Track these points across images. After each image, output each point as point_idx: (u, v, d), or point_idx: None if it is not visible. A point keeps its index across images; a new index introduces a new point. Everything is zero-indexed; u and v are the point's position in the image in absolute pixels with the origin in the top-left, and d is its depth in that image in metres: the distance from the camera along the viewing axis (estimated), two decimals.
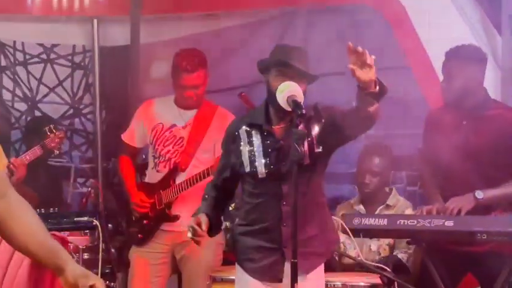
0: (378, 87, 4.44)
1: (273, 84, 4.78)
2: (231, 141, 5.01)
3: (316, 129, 4.72)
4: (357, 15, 7.11)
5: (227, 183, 5.09)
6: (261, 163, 4.85)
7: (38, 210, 6.20)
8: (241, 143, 4.93)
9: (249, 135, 4.92)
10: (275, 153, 4.84)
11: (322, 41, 6.67)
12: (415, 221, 5.54)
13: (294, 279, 4.36)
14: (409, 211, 6.31)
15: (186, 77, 6.33)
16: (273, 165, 4.82)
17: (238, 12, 7.53)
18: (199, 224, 4.78)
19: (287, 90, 4.55)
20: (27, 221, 3.24)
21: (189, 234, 4.91)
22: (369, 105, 4.48)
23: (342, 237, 5.84)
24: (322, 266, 4.98)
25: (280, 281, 4.82)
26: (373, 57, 4.35)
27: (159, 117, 6.55)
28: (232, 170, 4.99)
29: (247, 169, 4.89)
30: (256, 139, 4.90)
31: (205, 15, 7.60)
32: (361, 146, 6.61)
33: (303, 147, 4.56)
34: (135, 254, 6.52)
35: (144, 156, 6.69)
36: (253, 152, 4.88)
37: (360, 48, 4.29)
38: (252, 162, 4.87)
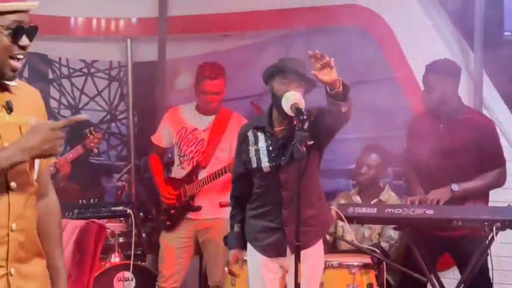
0: (341, 87, 4.45)
1: (277, 88, 4.83)
2: (242, 142, 5.06)
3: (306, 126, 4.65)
4: (349, 35, 7.09)
5: (243, 179, 5.11)
6: (265, 160, 4.91)
7: (80, 201, 6.34)
8: (249, 143, 5.00)
9: (255, 136, 4.98)
10: (276, 151, 4.90)
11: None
12: (401, 210, 5.59)
13: (297, 259, 4.41)
14: (393, 198, 6.39)
15: (208, 83, 6.39)
16: (274, 161, 4.88)
17: (248, 33, 7.59)
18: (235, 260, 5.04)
19: (292, 99, 4.59)
20: (54, 225, 3.33)
21: (227, 269, 5.15)
22: (338, 104, 4.52)
23: (340, 223, 5.93)
24: (322, 246, 5.04)
25: (285, 255, 4.89)
26: (332, 59, 4.34)
27: (183, 122, 6.60)
28: (245, 167, 5.04)
29: (254, 165, 4.95)
30: (261, 139, 4.96)
31: (222, 36, 7.67)
32: (354, 146, 6.63)
33: (304, 147, 4.69)
34: (164, 238, 6.57)
35: (170, 155, 6.72)
36: (259, 151, 4.95)
37: (318, 52, 4.28)
38: (258, 159, 4.94)
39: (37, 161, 3.08)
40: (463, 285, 5.62)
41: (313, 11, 7.27)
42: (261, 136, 4.98)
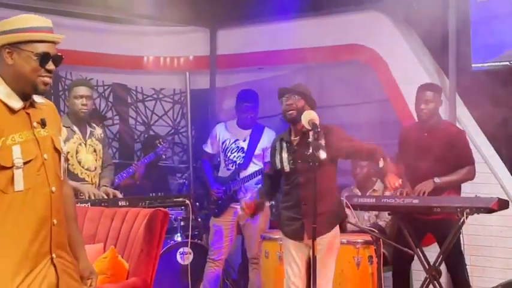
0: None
1: (283, 105, 4.93)
2: (272, 149, 5.08)
3: (322, 142, 4.63)
4: (353, 68, 7.09)
5: (274, 174, 5.12)
6: (286, 163, 4.92)
7: (151, 194, 6.33)
8: (277, 151, 5.01)
9: (281, 145, 4.98)
10: (292, 155, 4.89)
11: (332, 83, 6.72)
12: (393, 200, 5.61)
13: (314, 238, 4.44)
14: (387, 193, 6.26)
15: (247, 106, 6.41)
16: (292, 165, 4.87)
17: (276, 66, 7.60)
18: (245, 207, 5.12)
19: (308, 117, 4.59)
20: (71, 203, 3.21)
21: (241, 211, 5.29)
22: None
23: (348, 210, 5.88)
24: (338, 228, 4.98)
25: (302, 240, 4.85)
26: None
27: (227, 134, 6.58)
28: (273, 168, 5.07)
29: (279, 167, 4.96)
30: (284, 148, 4.96)
31: (257, 69, 7.68)
32: None
33: (318, 153, 4.63)
34: (214, 222, 6.55)
35: (218, 159, 6.71)
36: (282, 156, 4.95)
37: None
38: (282, 163, 4.94)
39: (64, 162, 3.03)
40: (441, 256, 5.59)
41: (326, 49, 7.25)
42: (283, 145, 4.97)
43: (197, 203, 6.81)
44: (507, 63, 6.17)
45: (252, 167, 6.41)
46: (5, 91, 2.83)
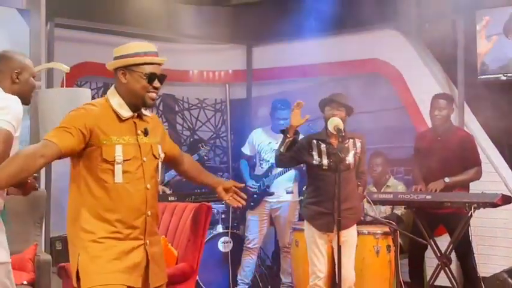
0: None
1: (326, 114, 4.90)
2: (305, 143, 5.00)
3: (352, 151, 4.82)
4: (372, 79, 7.05)
5: (291, 157, 5.04)
6: (325, 161, 4.90)
7: (196, 190, 6.38)
8: (313, 148, 4.95)
9: (318, 144, 4.94)
10: (333, 155, 4.84)
11: (354, 93, 6.68)
12: (409, 196, 5.61)
13: (339, 229, 4.49)
14: (401, 187, 6.27)
15: (280, 113, 6.42)
16: (331, 162, 4.85)
17: (305, 78, 7.54)
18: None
19: (334, 123, 4.63)
20: (196, 165, 3.58)
21: None
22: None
23: (367, 205, 5.87)
24: (355, 225, 5.03)
25: (332, 231, 4.84)
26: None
27: (262, 138, 6.60)
28: (298, 155, 5.00)
29: (316, 162, 4.92)
30: (323, 147, 4.92)
31: (288, 81, 7.63)
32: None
33: (344, 155, 4.65)
34: (250, 214, 6.57)
35: (254, 160, 6.71)
36: (321, 154, 4.92)
37: None
38: (321, 159, 4.91)
39: (160, 165, 3.16)
40: (452, 245, 5.54)
41: (348, 64, 7.23)
42: (322, 145, 4.93)
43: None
44: (510, 75, 6.13)
45: None
46: (118, 102, 3.02)
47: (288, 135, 4.95)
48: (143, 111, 3.10)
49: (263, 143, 6.57)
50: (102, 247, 2.93)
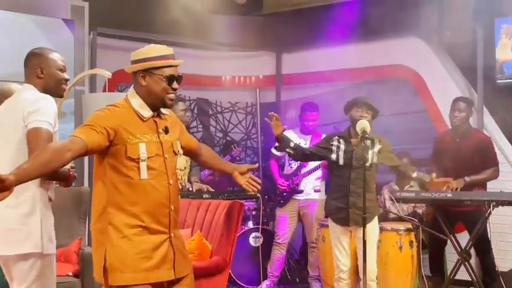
0: None
1: (354, 114, 4.88)
2: (327, 140, 5.04)
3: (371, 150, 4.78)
4: (396, 84, 7.03)
5: (314, 151, 5.06)
6: (342, 157, 4.89)
7: (229, 188, 6.40)
8: (333, 144, 4.94)
9: (339, 141, 4.94)
10: (349, 154, 4.86)
11: (378, 97, 6.65)
12: (430, 194, 5.47)
13: (364, 225, 4.42)
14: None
15: (309, 115, 6.42)
16: (347, 159, 4.85)
17: (331, 83, 7.53)
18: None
19: (362, 125, 4.57)
20: (213, 153, 3.59)
21: None
22: None
23: (389, 202, 5.83)
24: (376, 221, 5.00)
25: (348, 226, 4.86)
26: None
27: (291, 139, 6.57)
28: (318, 151, 5.01)
29: (334, 158, 4.91)
30: (342, 144, 4.92)
31: (315, 85, 7.63)
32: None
33: (367, 154, 4.64)
34: (279, 212, 6.54)
35: (283, 160, 6.69)
36: (339, 150, 4.91)
37: None
38: (337, 155, 4.90)
39: (182, 163, 3.20)
40: (471, 241, 5.50)
41: (373, 69, 7.23)
42: (342, 142, 4.93)
43: (266, 196, 6.83)
44: None
45: (311, 165, 6.35)
46: (138, 103, 3.02)
47: (277, 143, 5.03)
48: (162, 110, 3.10)
49: None
50: (131, 244, 2.91)
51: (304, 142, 6.43)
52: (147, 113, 3.02)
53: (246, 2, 7.94)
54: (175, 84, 3.03)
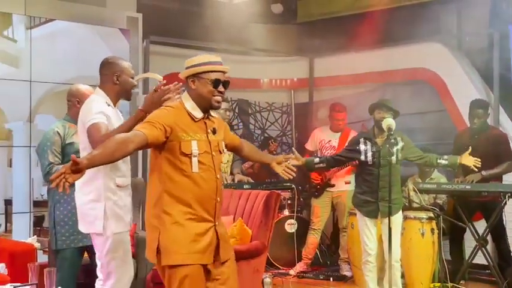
0: None
1: (377, 116, 4.84)
2: (354, 143, 5.00)
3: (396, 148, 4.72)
4: (419, 86, 6.97)
5: (344, 155, 5.07)
6: (369, 156, 4.86)
7: (267, 180, 6.40)
8: (361, 146, 4.92)
9: (365, 142, 4.91)
10: (376, 153, 4.83)
11: (401, 97, 6.63)
12: (450, 186, 5.53)
13: (390, 215, 4.43)
14: (443, 180, 6.10)
15: (338, 114, 6.40)
16: (375, 158, 4.82)
17: (359, 85, 7.49)
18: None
19: (387, 123, 4.55)
20: (254, 148, 3.64)
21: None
22: None
23: (413, 193, 5.78)
24: (400, 212, 4.97)
25: (377, 218, 4.84)
26: None
27: (322, 136, 6.56)
28: (348, 155, 5.01)
29: (363, 159, 4.89)
30: (368, 144, 4.89)
31: (343, 87, 7.59)
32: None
33: (393, 149, 4.61)
34: (314, 202, 6.53)
35: (315, 154, 6.69)
36: (367, 151, 4.88)
37: None
38: (365, 156, 4.87)
39: (225, 157, 3.24)
40: (488, 229, 5.47)
41: (397, 72, 7.17)
42: (368, 142, 4.90)
43: (299, 187, 6.83)
44: None
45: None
46: (191, 105, 3.07)
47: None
48: (211, 112, 3.15)
49: (324, 141, 6.53)
50: (182, 229, 2.96)
51: (334, 139, 6.47)
52: (198, 114, 3.07)
53: (282, 12, 7.94)
54: (221, 88, 3.06)
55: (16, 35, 5.90)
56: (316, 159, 5.09)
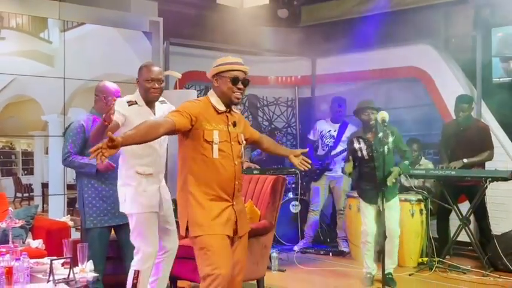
0: None
1: (365, 118, 4.85)
2: (349, 144, 5.03)
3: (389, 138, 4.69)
4: (409, 82, 6.95)
5: (351, 157, 5.00)
6: (365, 152, 4.87)
7: (274, 166, 6.39)
8: (355, 145, 4.94)
9: (358, 141, 4.93)
10: (369, 149, 4.84)
11: (394, 93, 6.62)
12: (437, 171, 5.53)
13: (384, 198, 4.42)
14: (430, 165, 6.08)
15: (337, 108, 6.41)
16: (369, 153, 4.84)
17: (358, 81, 7.45)
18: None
19: (382, 115, 4.44)
20: (272, 141, 3.56)
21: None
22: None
23: (403, 178, 5.78)
24: (397, 196, 4.96)
25: (377, 203, 4.84)
26: None
27: (324, 127, 6.54)
28: (353, 155, 4.97)
29: (360, 155, 4.90)
30: (362, 143, 4.91)
31: (343, 83, 7.55)
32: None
33: (387, 141, 4.59)
34: (313, 185, 6.51)
35: (317, 144, 6.67)
36: (362, 148, 4.89)
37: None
38: (362, 152, 4.89)
39: (243, 149, 3.25)
40: (471, 210, 5.47)
41: (390, 70, 7.15)
42: (361, 141, 4.92)
43: (302, 172, 6.83)
44: None
45: (339, 148, 6.35)
46: (216, 99, 3.12)
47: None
48: (233, 108, 3.18)
49: (325, 131, 6.52)
50: (205, 207, 3.04)
51: (334, 130, 6.46)
52: (222, 108, 3.11)
53: (287, 16, 7.92)
54: (240, 85, 3.09)
55: (51, 37, 5.95)
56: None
